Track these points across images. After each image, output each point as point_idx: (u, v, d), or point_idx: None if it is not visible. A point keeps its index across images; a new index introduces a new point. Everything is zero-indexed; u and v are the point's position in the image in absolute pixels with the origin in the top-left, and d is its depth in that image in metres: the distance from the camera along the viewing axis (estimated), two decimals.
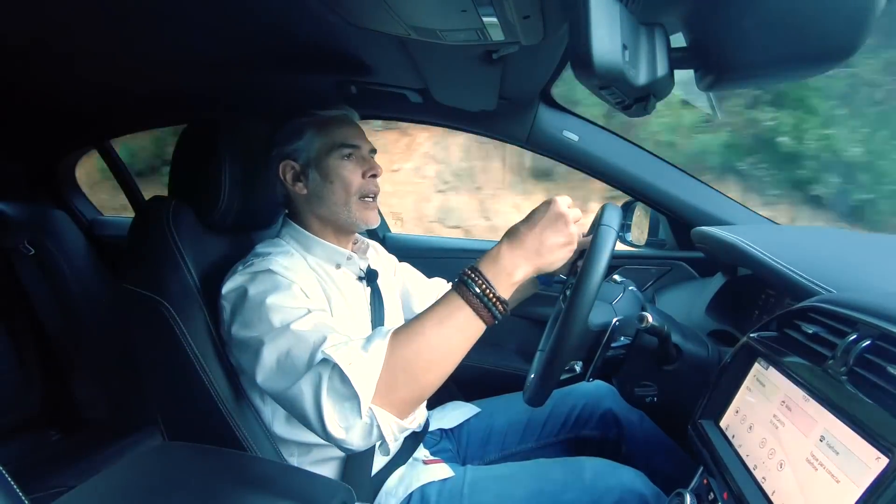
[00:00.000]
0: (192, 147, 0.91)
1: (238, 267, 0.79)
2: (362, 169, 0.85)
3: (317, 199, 0.85)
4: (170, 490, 0.67)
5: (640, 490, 0.76)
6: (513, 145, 1.28)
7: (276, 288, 0.73)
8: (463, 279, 0.65)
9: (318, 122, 0.86)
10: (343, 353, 0.63)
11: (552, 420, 1.01)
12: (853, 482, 0.43)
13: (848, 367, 0.50)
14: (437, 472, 0.83)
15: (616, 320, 0.77)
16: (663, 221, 1.29)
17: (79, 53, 0.81)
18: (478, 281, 0.64)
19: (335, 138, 0.85)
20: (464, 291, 0.65)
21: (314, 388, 0.63)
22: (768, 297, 0.93)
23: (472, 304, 0.64)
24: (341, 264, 0.88)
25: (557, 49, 0.81)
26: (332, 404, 0.62)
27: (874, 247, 0.96)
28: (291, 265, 0.78)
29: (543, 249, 0.67)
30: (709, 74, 0.41)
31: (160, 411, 0.86)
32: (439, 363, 0.64)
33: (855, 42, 0.36)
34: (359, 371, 0.61)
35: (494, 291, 0.64)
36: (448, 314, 0.65)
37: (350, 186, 0.84)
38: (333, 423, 0.62)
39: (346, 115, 0.90)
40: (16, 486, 0.40)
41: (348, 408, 0.62)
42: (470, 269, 0.66)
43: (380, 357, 0.63)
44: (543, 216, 0.68)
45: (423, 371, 0.64)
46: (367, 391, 0.61)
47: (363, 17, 0.60)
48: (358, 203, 0.85)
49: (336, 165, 0.84)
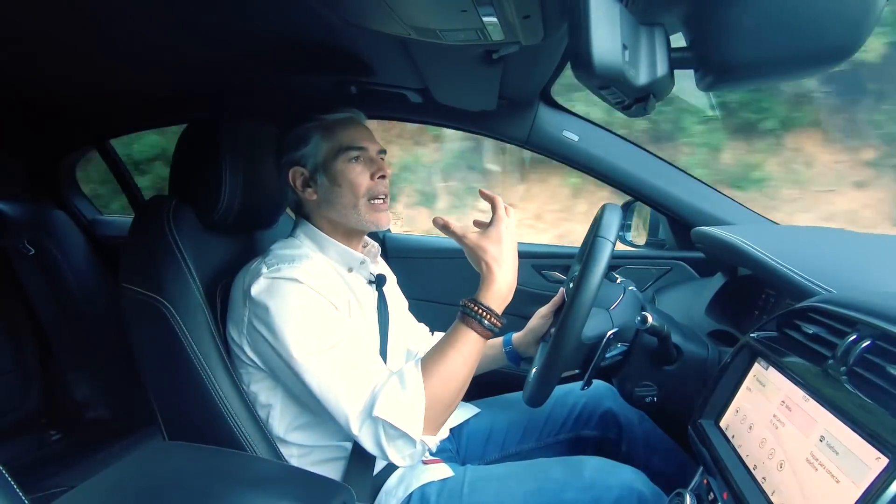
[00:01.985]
0: (192, 147, 0.91)
1: (262, 269, 0.78)
2: (370, 171, 0.85)
3: (327, 204, 0.85)
4: (169, 490, 0.67)
5: (639, 489, 0.76)
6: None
7: (306, 304, 0.76)
8: (465, 311, 0.76)
9: (324, 127, 0.85)
10: (390, 405, 0.71)
11: (552, 420, 1.01)
12: (853, 482, 0.43)
13: (848, 367, 0.50)
14: (436, 472, 0.83)
15: (611, 333, 0.77)
16: (663, 221, 1.29)
17: (79, 54, 0.81)
18: (477, 310, 0.75)
19: (341, 141, 0.85)
20: (468, 321, 0.75)
21: (374, 439, 0.72)
22: (768, 297, 0.93)
23: (476, 329, 0.75)
24: (354, 268, 0.88)
25: (557, 49, 0.81)
26: (393, 447, 0.72)
27: (874, 247, 0.96)
28: (315, 272, 0.78)
29: (512, 257, 0.77)
30: (709, 74, 0.41)
31: (160, 411, 0.86)
32: (462, 383, 0.76)
33: (855, 42, 0.36)
34: (407, 419, 0.71)
35: (493, 312, 0.75)
36: (459, 342, 0.75)
37: (359, 189, 0.84)
38: (397, 458, 0.73)
39: (353, 116, 0.89)
40: (16, 486, 0.40)
41: (403, 444, 0.73)
42: (469, 301, 0.76)
43: (420, 398, 0.72)
44: (500, 228, 0.77)
45: (453, 394, 0.75)
46: (417, 431, 0.72)
47: (363, 17, 0.60)
48: (367, 205, 0.85)
49: (343, 169, 0.84)
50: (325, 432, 0.82)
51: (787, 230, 1.23)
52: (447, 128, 1.32)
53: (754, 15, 0.37)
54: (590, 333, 0.77)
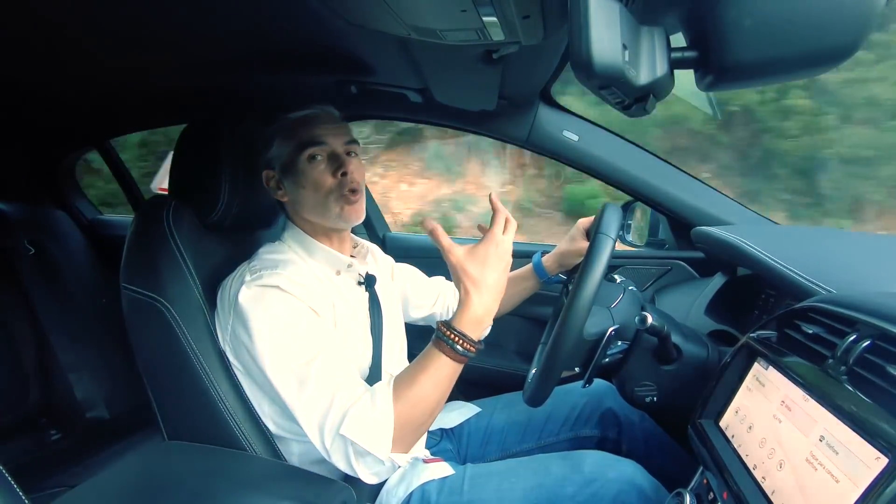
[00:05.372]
0: (191, 147, 0.91)
1: (246, 275, 0.78)
2: (331, 168, 0.82)
3: (299, 205, 0.84)
4: (169, 490, 0.67)
5: (639, 483, 0.76)
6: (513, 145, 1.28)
7: (286, 313, 0.75)
8: (438, 335, 0.73)
9: (284, 128, 0.84)
10: (358, 425, 0.70)
11: (552, 420, 1.01)
12: (853, 482, 0.43)
13: (848, 367, 0.50)
14: (437, 471, 0.83)
15: (612, 329, 0.77)
16: (663, 221, 1.29)
17: (79, 54, 0.81)
18: (450, 335, 0.72)
19: (300, 140, 0.82)
20: (441, 345, 0.72)
21: (344, 455, 0.71)
22: (768, 297, 0.93)
23: (448, 354, 0.72)
24: (342, 271, 0.88)
25: (557, 49, 0.81)
26: (362, 464, 0.71)
27: (874, 247, 0.96)
28: (299, 278, 0.78)
29: (495, 281, 0.73)
30: (709, 74, 0.41)
31: (160, 411, 0.86)
32: (434, 406, 0.74)
33: (855, 42, 0.36)
34: (375, 439, 0.70)
35: (466, 338, 0.72)
36: (431, 366, 0.72)
37: (321, 188, 0.81)
38: (366, 476, 0.72)
39: (314, 113, 0.85)
40: (16, 486, 0.40)
41: (371, 461, 0.71)
42: (443, 325, 0.73)
43: (389, 419, 0.71)
44: (488, 248, 0.73)
45: (423, 416, 0.73)
46: (384, 451, 0.70)
47: (363, 17, 0.60)
48: (336, 202, 0.82)
49: (304, 169, 0.81)
50: None
51: (787, 230, 1.23)
52: (447, 128, 1.32)
53: (754, 15, 0.37)
54: (591, 330, 0.76)
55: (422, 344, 0.78)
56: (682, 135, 3.05)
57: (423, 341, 0.77)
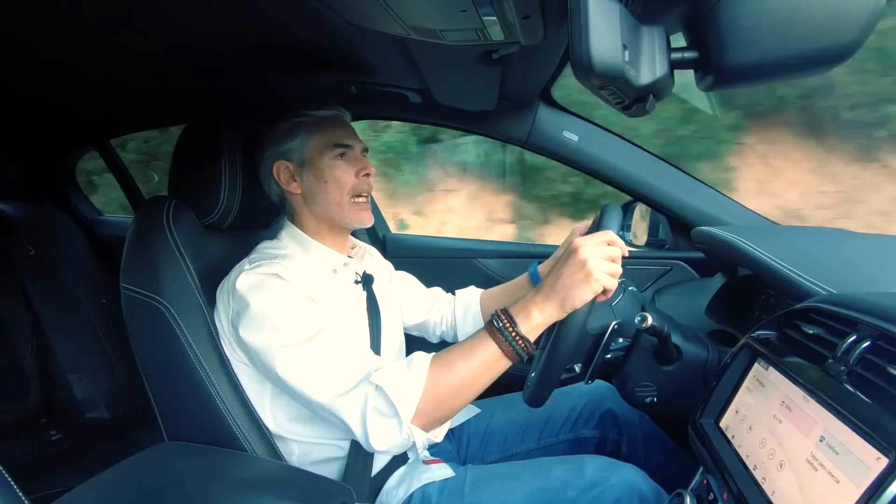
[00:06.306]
0: (191, 147, 0.91)
1: (245, 265, 0.79)
2: (355, 168, 0.86)
3: (311, 199, 0.87)
4: (169, 490, 0.68)
5: (640, 487, 0.76)
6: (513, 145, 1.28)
7: (287, 297, 0.75)
8: (492, 318, 0.72)
9: (311, 123, 0.87)
10: (390, 376, 0.69)
11: (552, 420, 1.01)
12: (853, 482, 0.43)
13: (848, 367, 0.50)
14: (437, 472, 0.83)
15: (615, 323, 0.77)
16: (663, 222, 1.29)
17: (79, 54, 0.81)
18: (503, 319, 0.70)
19: (328, 138, 0.86)
20: (491, 329, 0.71)
21: (361, 407, 0.69)
22: (768, 297, 0.93)
23: (497, 341, 0.70)
24: (338, 269, 0.89)
25: (557, 49, 0.81)
26: (377, 422, 0.69)
27: (874, 247, 0.96)
28: (297, 269, 0.79)
29: (558, 286, 0.69)
30: (709, 74, 0.41)
31: (160, 411, 0.86)
32: (467, 390, 0.72)
33: (854, 42, 0.36)
34: (403, 396, 0.69)
35: (518, 330, 0.70)
36: (477, 349, 0.71)
37: (344, 185, 0.85)
38: (377, 439, 0.70)
39: (339, 114, 0.91)
40: (16, 486, 0.40)
41: (390, 425, 0.69)
42: (501, 310, 0.71)
43: (421, 382, 0.70)
44: (561, 255, 0.75)
45: (453, 397, 0.71)
46: (409, 413, 0.68)
47: (363, 17, 0.60)
48: (350, 203, 0.86)
49: (330, 165, 0.85)
50: (318, 425, 0.82)
51: (787, 230, 1.23)
52: (447, 128, 1.32)
53: (753, 15, 0.37)
54: (594, 324, 0.77)
55: (422, 348, 0.78)
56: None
57: (423, 345, 0.77)
